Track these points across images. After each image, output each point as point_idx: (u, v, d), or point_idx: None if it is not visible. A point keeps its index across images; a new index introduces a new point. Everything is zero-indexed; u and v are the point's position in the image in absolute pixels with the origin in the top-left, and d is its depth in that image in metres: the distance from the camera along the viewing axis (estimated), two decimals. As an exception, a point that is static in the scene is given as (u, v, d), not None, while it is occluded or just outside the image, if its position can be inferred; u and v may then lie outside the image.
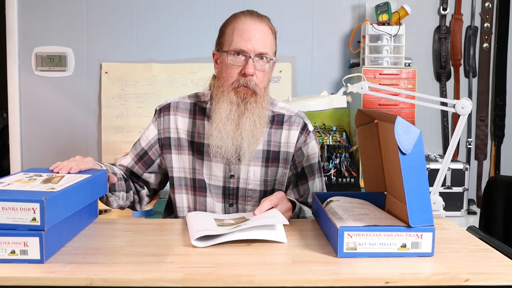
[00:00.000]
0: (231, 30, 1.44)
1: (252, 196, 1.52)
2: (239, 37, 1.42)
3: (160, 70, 2.80)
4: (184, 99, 1.57)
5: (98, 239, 1.18)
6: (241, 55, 1.42)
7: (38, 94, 2.80)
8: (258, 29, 1.43)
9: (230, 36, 1.44)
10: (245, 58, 1.41)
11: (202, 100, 1.55)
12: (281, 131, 1.54)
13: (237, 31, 1.43)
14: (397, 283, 0.93)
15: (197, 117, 1.53)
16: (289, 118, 1.56)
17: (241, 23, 1.43)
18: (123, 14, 2.80)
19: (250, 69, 1.40)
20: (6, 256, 0.98)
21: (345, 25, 2.84)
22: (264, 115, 1.46)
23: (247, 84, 1.41)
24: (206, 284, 0.92)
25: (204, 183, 1.51)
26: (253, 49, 1.41)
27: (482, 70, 2.89)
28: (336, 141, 2.68)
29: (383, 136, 1.25)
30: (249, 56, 1.41)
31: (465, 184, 2.52)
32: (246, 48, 1.41)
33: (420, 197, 1.03)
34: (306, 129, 1.56)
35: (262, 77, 1.44)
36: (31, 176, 1.18)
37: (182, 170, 1.53)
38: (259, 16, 1.46)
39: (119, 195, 1.49)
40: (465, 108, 1.72)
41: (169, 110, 1.54)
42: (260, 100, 1.44)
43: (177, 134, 1.53)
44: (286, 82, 2.79)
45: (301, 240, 1.16)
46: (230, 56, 1.42)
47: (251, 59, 1.41)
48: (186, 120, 1.54)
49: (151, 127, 1.56)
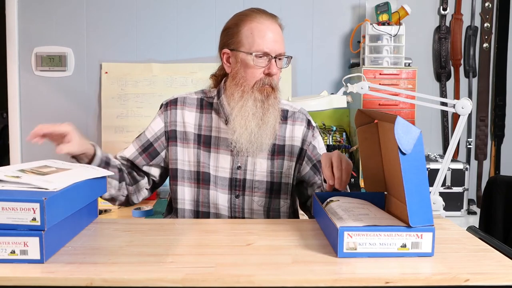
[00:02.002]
0: (249, 30, 1.47)
1: (259, 187, 1.54)
2: (261, 38, 1.46)
3: (160, 70, 2.80)
4: (190, 94, 1.60)
5: (98, 239, 1.18)
6: (263, 57, 1.47)
7: (38, 94, 2.80)
8: (275, 30, 1.49)
9: (249, 37, 1.47)
10: (268, 59, 1.47)
11: (208, 96, 1.59)
12: (286, 126, 1.59)
13: (257, 32, 1.47)
14: (397, 283, 0.93)
15: (204, 111, 1.57)
16: (293, 114, 1.61)
17: (259, 23, 1.47)
18: (123, 14, 2.80)
19: (275, 69, 1.48)
20: (6, 256, 0.98)
21: (345, 25, 2.84)
22: (279, 109, 1.55)
23: (271, 83, 1.49)
24: (206, 284, 0.92)
25: (208, 175, 1.53)
26: (275, 50, 1.47)
27: (482, 70, 2.89)
28: (336, 141, 2.68)
29: (383, 136, 1.25)
30: (272, 57, 1.47)
31: (465, 184, 2.52)
32: (269, 50, 1.46)
33: (420, 197, 1.03)
34: (311, 124, 1.63)
35: (279, 76, 1.53)
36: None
37: (186, 163, 1.55)
38: (272, 16, 1.52)
39: (111, 183, 1.49)
40: (465, 108, 1.72)
41: (176, 104, 1.57)
42: (278, 95, 1.53)
43: (184, 127, 1.55)
44: (286, 82, 2.79)
45: (301, 240, 1.16)
46: (253, 57, 1.47)
47: (274, 60, 1.47)
48: (193, 114, 1.57)
49: (157, 119, 1.58)
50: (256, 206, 1.55)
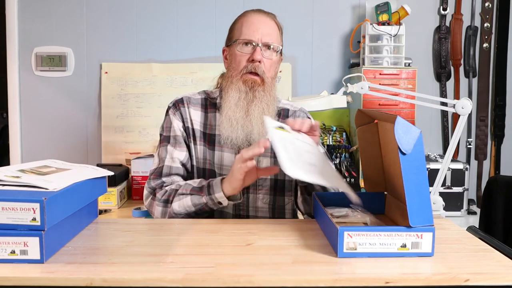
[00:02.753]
0: (240, 24, 1.53)
1: (263, 184, 1.55)
2: (247, 28, 1.51)
3: (160, 70, 2.80)
4: (194, 95, 1.62)
5: (98, 239, 1.18)
6: (249, 45, 1.50)
7: (38, 94, 2.80)
8: (265, 22, 1.52)
9: (239, 29, 1.52)
10: (253, 46, 1.50)
11: (211, 97, 1.61)
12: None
13: (246, 24, 1.52)
14: (397, 283, 0.93)
15: (208, 110, 1.59)
16: (294, 113, 1.63)
17: (249, 17, 1.53)
18: (123, 14, 2.80)
19: (258, 55, 1.48)
20: (6, 256, 0.98)
21: (345, 25, 2.84)
22: (272, 104, 1.53)
23: (256, 70, 1.49)
24: (206, 284, 0.92)
25: (214, 173, 1.54)
26: (260, 39, 1.49)
27: (482, 70, 2.89)
28: (336, 141, 2.68)
29: (383, 136, 1.25)
30: (257, 44, 1.49)
31: (465, 184, 2.52)
32: (254, 38, 1.49)
33: (420, 197, 1.03)
34: None
35: (269, 66, 1.52)
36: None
37: (194, 159, 1.56)
38: (266, 12, 1.56)
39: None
40: (465, 108, 1.72)
41: (183, 103, 1.59)
42: (268, 88, 1.51)
43: (192, 125, 1.57)
44: (286, 82, 2.78)
45: (301, 240, 1.16)
46: (238, 45, 1.50)
47: (259, 47, 1.49)
48: (199, 112, 1.58)
49: (175, 119, 1.57)
50: (261, 204, 1.55)
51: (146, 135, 2.80)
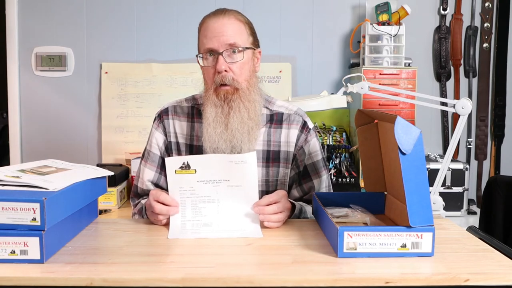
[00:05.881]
0: (200, 33, 1.46)
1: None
2: (205, 37, 1.42)
3: (160, 70, 2.80)
4: (181, 102, 1.57)
5: (98, 239, 1.18)
6: (212, 54, 1.41)
7: (38, 94, 2.80)
8: (222, 24, 1.41)
9: (201, 40, 1.45)
10: (214, 56, 1.41)
11: (199, 103, 1.54)
12: (281, 130, 1.52)
13: (203, 32, 1.44)
14: (397, 283, 0.93)
15: (195, 120, 1.53)
16: (288, 117, 1.54)
17: (205, 24, 1.44)
18: (123, 14, 2.80)
19: (222, 65, 1.39)
20: (6, 256, 0.98)
21: (345, 25, 2.84)
22: (254, 108, 1.44)
23: (224, 81, 1.40)
24: (206, 284, 0.92)
25: None
26: (220, 45, 1.39)
27: (482, 70, 2.89)
28: (336, 141, 2.68)
29: (383, 136, 1.25)
30: (219, 53, 1.39)
31: (465, 184, 2.52)
32: (214, 46, 1.40)
33: (420, 197, 1.04)
34: (306, 127, 1.54)
35: (239, 70, 1.42)
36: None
37: None
38: (223, 11, 1.44)
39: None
40: (465, 108, 1.72)
41: (167, 114, 1.55)
42: (244, 94, 1.43)
43: (176, 138, 1.54)
44: (286, 82, 2.78)
45: (301, 240, 1.16)
46: (203, 59, 1.44)
47: (221, 55, 1.39)
48: (185, 124, 1.54)
49: (157, 134, 1.55)
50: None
51: (146, 135, 2.78)
